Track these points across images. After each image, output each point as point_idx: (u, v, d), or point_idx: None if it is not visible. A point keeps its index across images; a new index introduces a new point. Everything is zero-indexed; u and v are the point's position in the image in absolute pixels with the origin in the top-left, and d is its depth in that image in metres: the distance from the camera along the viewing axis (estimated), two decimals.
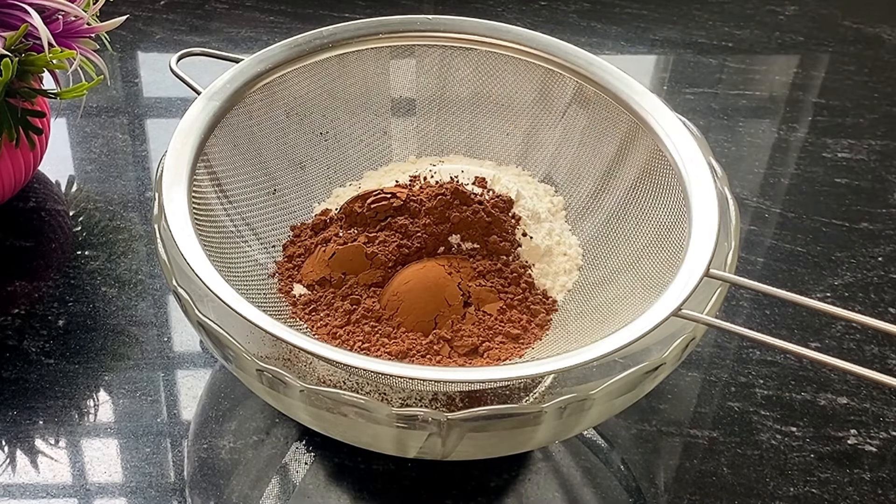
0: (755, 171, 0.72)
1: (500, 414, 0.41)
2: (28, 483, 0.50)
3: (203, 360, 0.56)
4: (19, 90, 0.57)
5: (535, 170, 0.60)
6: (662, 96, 0.57)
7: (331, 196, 0.58)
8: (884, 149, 0.76)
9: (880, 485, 0.51)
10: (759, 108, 0.80)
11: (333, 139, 0.59)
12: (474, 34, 0.59)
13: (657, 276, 0.49)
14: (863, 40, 0.90)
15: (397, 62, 0.60)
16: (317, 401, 0.42)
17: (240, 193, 0.54)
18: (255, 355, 0.42)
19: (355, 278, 0.51)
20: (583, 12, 0.91)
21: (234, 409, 0.53)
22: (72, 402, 0.53)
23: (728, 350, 0.58)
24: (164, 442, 0.52)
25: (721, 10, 0.93)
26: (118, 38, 0.81)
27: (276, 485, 0.50)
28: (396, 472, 0.50)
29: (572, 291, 0.53)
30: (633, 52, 0.87)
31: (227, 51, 0.58)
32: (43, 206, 0.66)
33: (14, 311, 0.58)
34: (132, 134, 0.73)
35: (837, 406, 0.55)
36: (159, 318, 0.59)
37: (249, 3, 0.89)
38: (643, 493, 0.51)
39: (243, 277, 0.51)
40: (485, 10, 0.90)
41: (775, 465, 0.52)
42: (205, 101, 0.53)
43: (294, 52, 0.57)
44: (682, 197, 0.50)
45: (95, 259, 0.62)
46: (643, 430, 0.53)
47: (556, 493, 0.50)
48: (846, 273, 0.64)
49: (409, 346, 0.48)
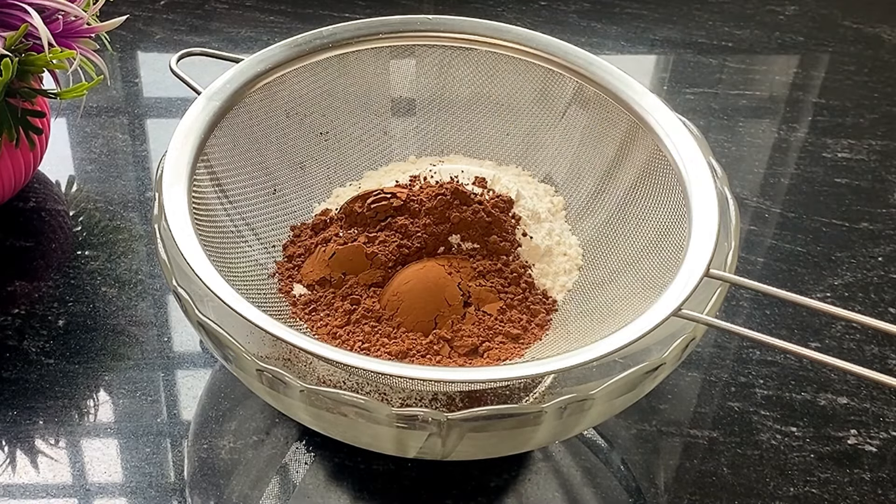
0: (755, 171, 0.72)
1: (500, 414, 0.41)
2: (28, 483, 0.50)
3: (203, 360, 0.56)
4: (19, 90, 0.57)
5: (535, 170, 0.60)
6: (662, 96, 0.57)
7: (331, 196, 0.58)
8: (884, 149, 0.76)
9: (880, 485, 0.51)
10: (759, 108, 0.80)
11: (333, 139, 0.59)
12: (474, 34, 0.59)
13: (657, 276, 0.49)
14: (863, 40, 0.90)
15: (397, 62, 0.60)
16: (317, 401, 0.42)
17: (240, 193, 0.54)
18: (255, 355, 0.42)
19: (355, 278, 0.51)
20: (583, 12, 0.91)
21: (234, 409, 0.53)
22: (72, 402, 0.53)
23: (728, 350, 0.58)
24: (164, 442, 0.52)
25: (721, 10, 0.93)
26: (118, 38, 0.82)
27: (276, 485, 0.50)
28: (396, 472, 0.50)
29: (572, 291, 0.53)
30: (633, 52, 0.87)
31: (227, 51, 0.58)
32: (43, 206, 0.66)
33: (14, 311, 0.58)
34: (132, 134, 0.73)
35: (837, 406, 0.55)
36: (159, 318, 0.59)
37: (249, 3, 0.89)
38: (643, 493, 0.51)
39: (243, 277, 0.51)
40: (485, 10, 0.90)
41: (775, 465, 0.52)
42: (205, 101, 0.53)
43: (294, 52, 0.57)
44: (682, 197, 0.50)
45: (95, 259, 0.62)
46: (643, 430, 0.53)
47: (556, 493, 0.50)
48: (846, 273, 0.64)
49: (409, 346, 0.48)
